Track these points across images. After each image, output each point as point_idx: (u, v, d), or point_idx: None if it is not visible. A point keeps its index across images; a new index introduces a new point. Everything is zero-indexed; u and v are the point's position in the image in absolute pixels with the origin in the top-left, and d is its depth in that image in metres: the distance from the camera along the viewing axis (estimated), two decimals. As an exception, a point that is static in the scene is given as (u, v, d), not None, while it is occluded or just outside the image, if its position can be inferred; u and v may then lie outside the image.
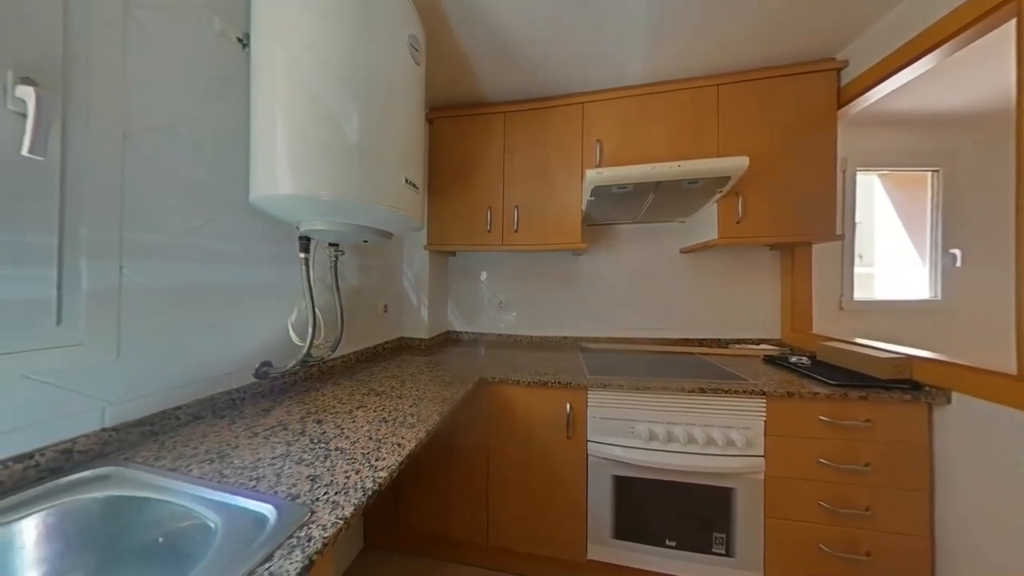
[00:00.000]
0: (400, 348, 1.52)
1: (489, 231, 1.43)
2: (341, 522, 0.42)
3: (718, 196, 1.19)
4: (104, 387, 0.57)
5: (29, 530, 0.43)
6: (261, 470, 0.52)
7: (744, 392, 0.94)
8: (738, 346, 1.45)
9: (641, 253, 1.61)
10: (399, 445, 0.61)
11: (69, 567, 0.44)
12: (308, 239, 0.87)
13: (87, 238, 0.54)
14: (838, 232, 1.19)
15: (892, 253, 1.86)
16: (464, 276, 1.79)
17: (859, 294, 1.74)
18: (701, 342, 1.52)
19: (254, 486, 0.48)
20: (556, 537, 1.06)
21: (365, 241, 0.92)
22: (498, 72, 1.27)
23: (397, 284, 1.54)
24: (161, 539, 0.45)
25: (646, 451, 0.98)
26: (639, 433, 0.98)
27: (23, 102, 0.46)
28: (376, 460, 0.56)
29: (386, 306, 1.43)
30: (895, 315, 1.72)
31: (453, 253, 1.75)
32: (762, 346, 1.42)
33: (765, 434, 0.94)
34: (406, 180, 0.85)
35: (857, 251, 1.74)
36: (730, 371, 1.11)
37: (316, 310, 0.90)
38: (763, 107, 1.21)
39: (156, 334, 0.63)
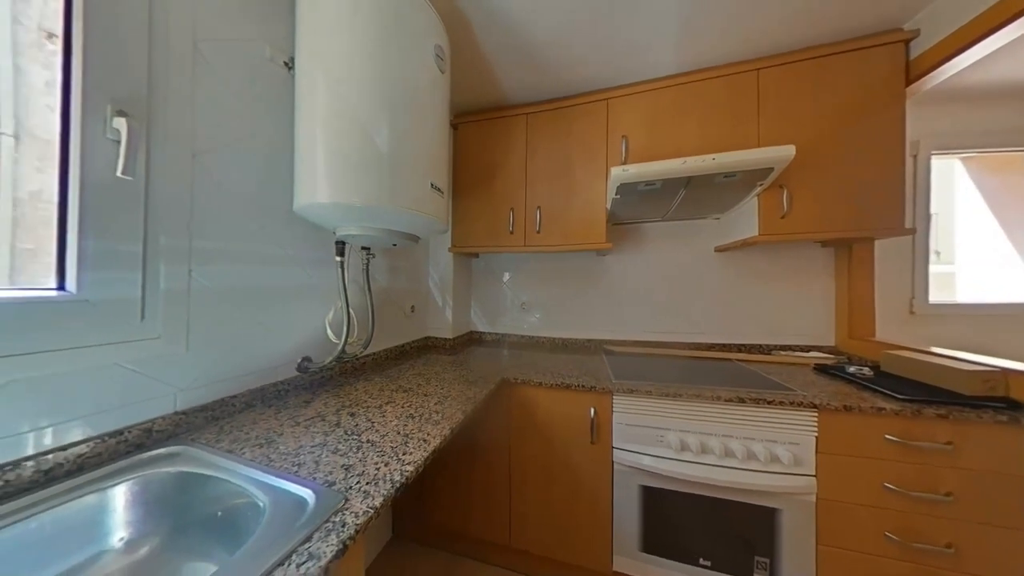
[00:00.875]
0: (426, 347, 1.57)
1: (511, 232, 1.43)
2: (372, 511, 0.44)
3: (759, 190, 1.10)
4: (176, 376, 0.65)
5: (119, 496, 0.50)
6: (302, 457, 0.57)
7: (791, 404, 0.85)
8: (784, 353, 1.33)
9: (671, 252, 1.53)
10: (425, 441, 0.63)
11: (149, 531, 0.51)
12: (343, 243, 0.93)
13: (164, 245, 0.62)
14: (907, 226, 1.04)
15: (980, 249, 1.59)
16: (487, 277, 1.82)
17: (935, 296, 1.51)
18: (739, 348, 1.41)
19: (296, 471, 0.52)
20: (580, 545, 1.04)
21: (394, 244, 0.97)
22: (520, 74, 1.28)
23: (423, 285, 1.60)
24: (220, 513, 0.51)
25: (677, 462, 0.92)
26: (669, 443, 0.93)
27: (118, 131, 0.55)
28: (403, 454, 0.58)
29: (413, 306, 1.48)
30: (984, 322, 1.47)
31: (476, 255, 1.78)
32: (812, 354, 1.28)
33: (816, 451, 0.84)
34: (432, 185, 0.88)
35: (933, 247, 1.51)
36: (774, 380, 1.02)
37: (350, 310, 0.96)
38: (813, 90, 1.09)
39: (216, 330, 0.71)
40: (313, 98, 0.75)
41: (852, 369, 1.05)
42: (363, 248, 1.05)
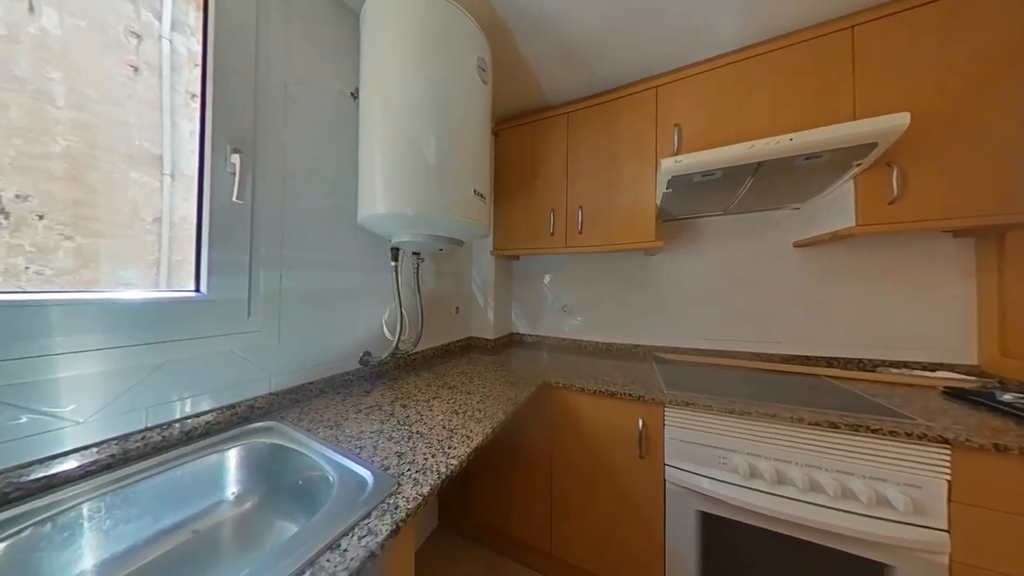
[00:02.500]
0: (469, 347, 1.64)
1: (552, 234, 1.42)
2: (420, 498, 0.47)
3: (855, 171, 0.91)
4: (271, 363, 0.78)
5: (232, 458, 0.62)
6: (363, 441, 0.64)
7: (909, 436, 0.68)
8: (895, 371, 1.07)
9: (735, 249, 1.35)
10: (468, 437, 0.66)
11: (252, 489, 0.62)
12: (397, 250, 1.03)
13: (264, 255, 0.76)
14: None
15: None
16: (527, 279, 1.82)
17: None
18: (829, 362, 1.18)
19: (358, 453, 0.59)
20: (626, 565, 0.97)
21: (440, 249, 1.03)
22: (561, 74, 1.27)
23: (467, 288, 1.67)
24: (300, 482, 0.60)
25: (745, 490, 0.80)
26: (735, 466, 0.81)
27: (234, 165, 0.69)
28: (449, 448, 0.61)
29: (458, 308, 1.56)
30: None
31: (517, 257, 1.80)
32: (940, 374, 1.01)
33: (949, 500, 0.66)
34: (475, 191, 0.92)
35: None
36: (881, 404, 0.82)
37: (403, 310, 1.06)
38: (939, 41, 0.87)
39: (298, 325, 0.84)
40: (372, 121, 0.85)
41: (1008, 396, 0.80)
42: (414, 253, 1.15)
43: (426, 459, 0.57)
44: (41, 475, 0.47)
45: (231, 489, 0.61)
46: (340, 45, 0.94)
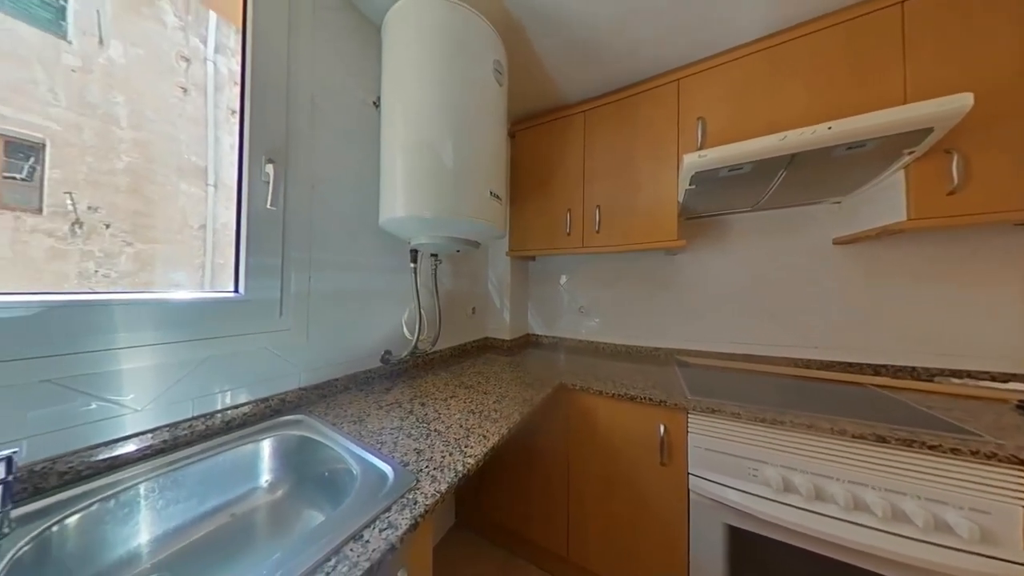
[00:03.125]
0: (485, 347, 1.65)
1: (568, 234, 1.40)
2: (438, 495, 0.48)
3: (906, 159, 0.83)
4: (300, 360, 0.83)
5: (266, 448, 0.67)
6: (384, 436, 0.66)
7: (976, 455, 0.61)
8: (959, 381, 0.96)
9: (766, 248, 1.27)
10: (484, 437, 0.66)
11: (283, 478, 0.66)
12: (416, 252, 1.06)
13: (294, 258, 0.81)
14: None
15: None
16: (543, 280, 1.81)
17: None
18: (876, 370, 1.08)
19: (379, 448, 0.61)
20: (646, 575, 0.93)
21: (458, 251, 1.05)
22: (577, 72, 1.25)
23: (483, 288, 1.68)
24: (327, 473, 0.63)
25: (779, 505, 0.75)
26: (767, 479, 0.76)
27: (268, 174, 0.74)
28: (465, 447, 0.62)
29: (474, 308, 1.58)
30: None
31: (533, 258, 1.80)
32: (1014, 385, 0.90)
33: (1025, 529, 0.58)
34: (491, 193, 0.93)
35: None
36: (939, 417, 0.74)
37: (421, 310, 1.09)
38: (1014, 11, 0.77)
39: (325, 324, 0.89)
40: (393, 128, 0.88)
41: (1100, 414, 0.69)
42: (432, 255, 1.17)
43: (443, 457, 0.58)
44: (106, 456, 0.53)
45: (265, 477, 0.65)
46: (363, 57, 0.99)
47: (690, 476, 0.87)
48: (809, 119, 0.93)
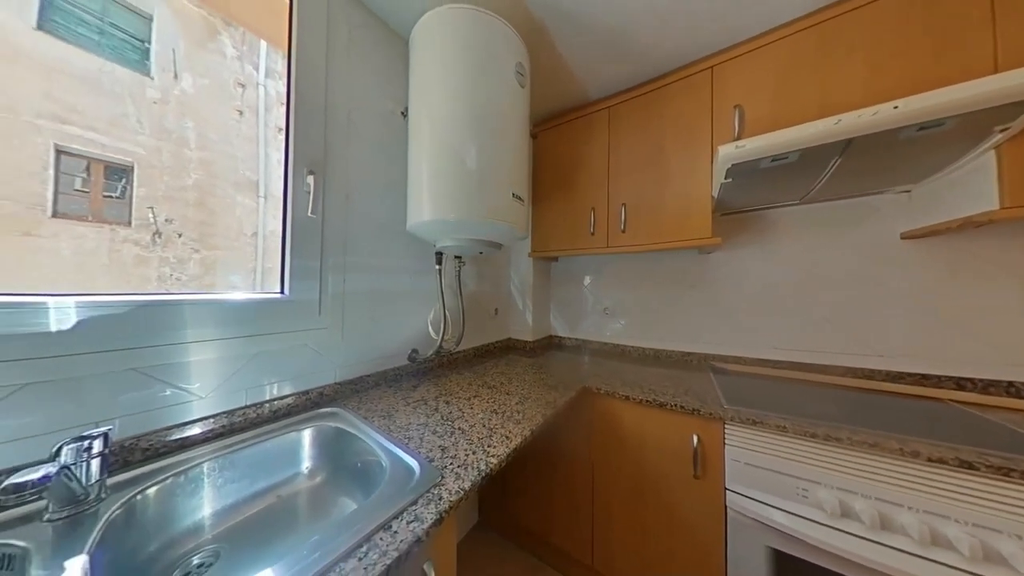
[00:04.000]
0: (508, 348, 1.66)
1: (592, 234, 1.37)
2: (462, 492, 0.49)
3: (999, 138, 0.71)
4: (336, 356, 0.89)
5: (307, 437, 0.72)
6: (411, 432, 0.68)
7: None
8: (1070, 400, 0.80)
9: (818, 244, 1.15)
10: (507, 438, 0.66)
11: (321, 466, 0.71)
12: (441, 254, 1.09)
13: (331, 262, 0.87)
14: None
15: None
16: (566, 281, 1.78)
17: None
18: (960, 383, 0.93)
19: (407, 443, 0.63)
20: (680, 595, 0.88)
21: (480, 252, 1.07)
22: (602, 67, 1.22)
23: (505, 289, 1.70)
24: (359, 464, 0.66)
25: (835, 532, 0.67)
26: (820, 501, 0.68)
27: (309, 184, 0.80)
28: (488, 447, 0.63)
29: (496, 309, 1.59)
30: None
31: (555, 259, 1.78)
32: None
33: None
34: (513, 195, 0.93)
35: None
36: (1046, 443, 0.62)
37: (446, 311, 1.12)
38: None
39: (358, 324, 0.94)
40: (419, 136, 0.92)
41: None
42: (456, 257, 1.21)
43: (467, 455, 0.59)
44: (177, 437, 0.60)
45: (305, 464, 0.71)
46: (391, 69, 1.04)
47: (727, 492, 0.80)
48: (869, 99, 0.82)
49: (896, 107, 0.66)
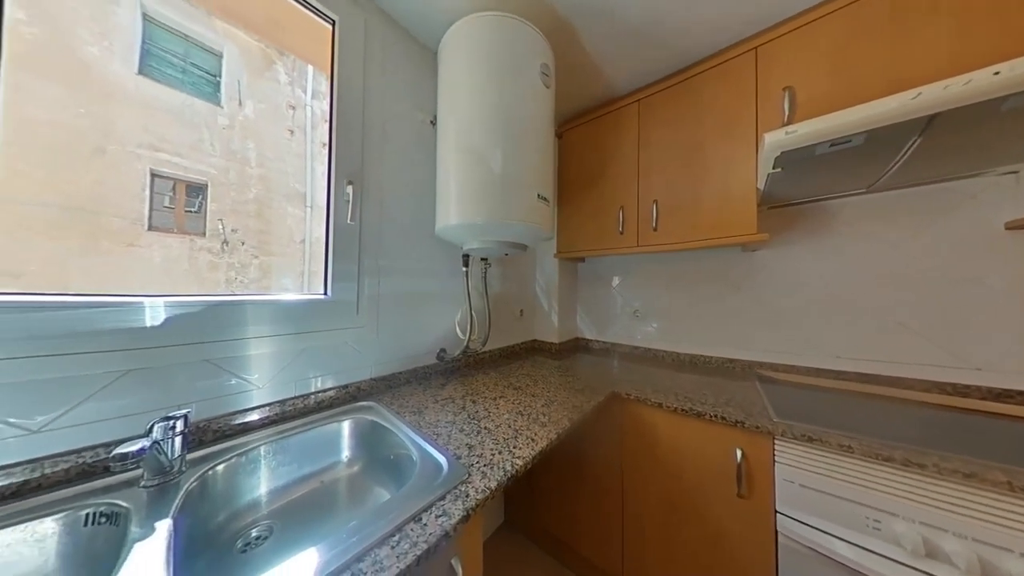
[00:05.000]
0: (533, 349, 1.65)
1: (621, 233, 1.32)
2: (488, 491, 0.50)
3: None
4: (372, 354, 0.94)
5: (346, 428, 0.78)
6: (439, 429, 0.71)
7: None
8: None
9: (891, 238, 1.00)
10: (533, 440, 0.66)
11: (358, 456, 0.76)
12: (467, 256, 1.12)
13: (367, 265, 0.93)
14: None
15: None
16: (593, 282, 1.73)
17: None
18: (1095, 406, 0.75)
19: (436, 439, 0.66)
20: (722, 624, 0.81)
21: (506, 254, 1.08)
22: (631, 59, 1.17)
23: (530, 290, 1.69)
24: (392, 457, 0.70)
25: (918, 573, 0.57)
26: (896, 536, 0.59)
27: (348, 193, 0.86)
28: (514, 447, 0.63)
29: (522, 311, 1.60)
30: None
31: (582, 259, 1.74)
32: None
33: None
34: (538, 196, 0.93)
35: None
36: None
37: (472, 312, 1.14)
38: None
39: (391, 324, 1.00)
40: (447, 143, 0.95)
41: None
42: (482, 259, 1.23)
43: (493, 455, 0.60)
44: (240, 421, 0.68)
45: (345, 453, 0.76)
46: (421, 80, 1.09)
47: (778, 515, 0.72)
48: (955, 69, 0.70)
49: (997, 73, 0.56)
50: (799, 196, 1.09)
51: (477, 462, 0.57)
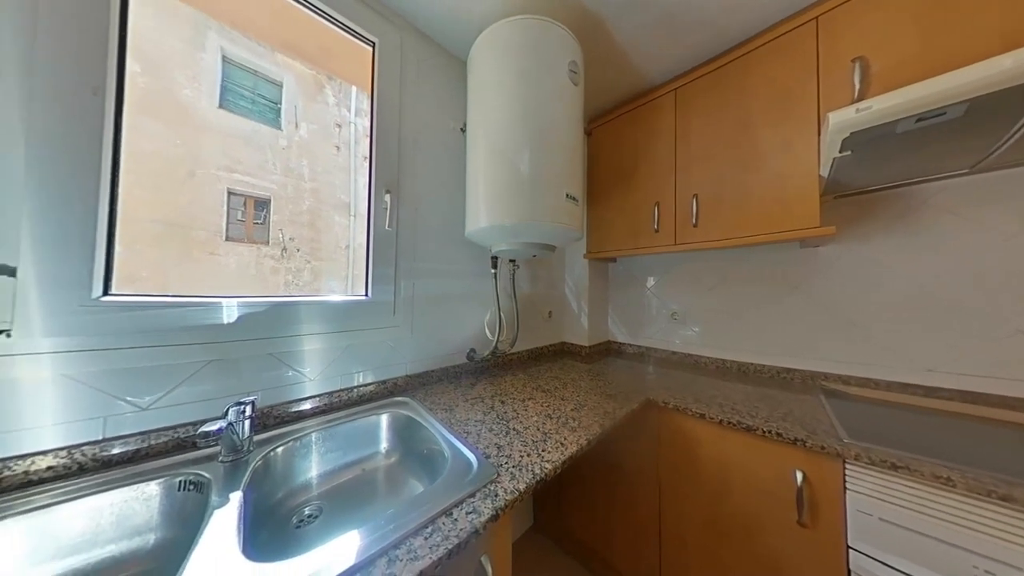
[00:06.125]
0: (562, 352, 1.62)
1: (657, 231, 1.24)
2: (517, 493, 0.50)
3: None
4: (407, 352, 1.00)
5: (384, 421, 0.83)
6: (470, 427, 0.72)
7: None
8: None
9: (1004, 229, 0.82)
10: (562, 444, 0.64)
11: (395, 448, 0.81)
12: (496, 258, 1.13)
13: (403, 268, 0.99)
14: None
15: None
16: (626, 283, 1.66)
17: None
18: None
19: (466, 437, 0.67)
20: (779, 667, 0.72)
21: (534, 255, 1.08)
22: (666, 47, 1.11)
23: (559, 292, 1.66)
24: (425, 451, 0.73)
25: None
26: (1018, 594, 0.48)
27: (386, 202, 0.92)
28: (543, 451, 0.62)
29: (550, 312, 1.58)
30: None
31: (614, 259, 1.67)
32: None
33: None
34: (567, 195, 0.92)
35: None
36: None
37: (501, 313, 1.15)
38: None
39: (424, 324, 1.04)
40: (476, 147, 0.97)
41: None
42: (510, 261, 1.24)
43: (522, 456, 0.60)
44: (295, 409, 0.76)
45: (383, 444, 0.81)
46: (451, 90, 1.14)
47: (850, 550, 0.63)
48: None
49: None
50: (877, 181, 0.94)
51: (506, 463, 0.58)
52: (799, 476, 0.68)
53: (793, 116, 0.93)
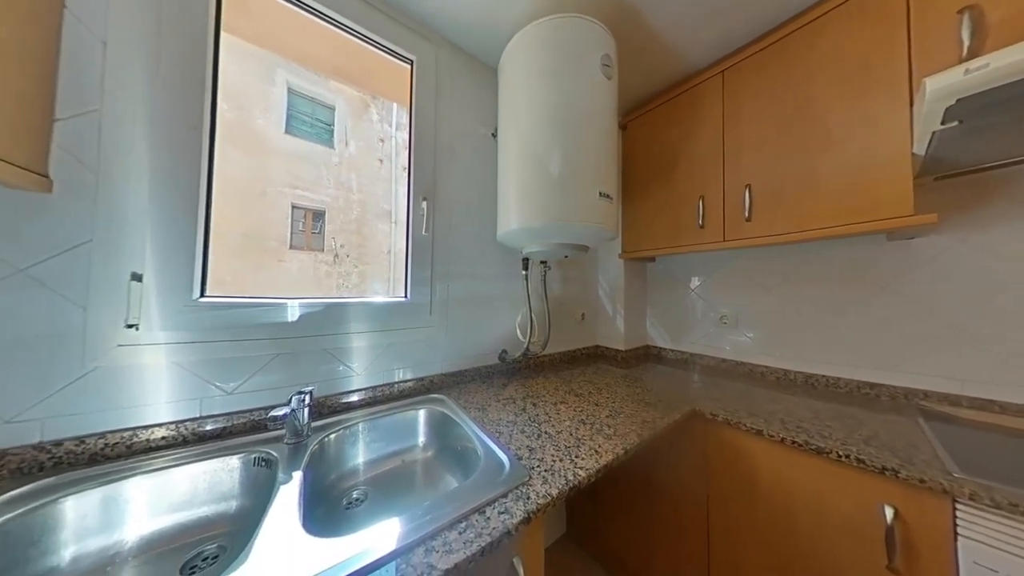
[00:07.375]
0: (596, 356, 1.56)
1: (702, 227, 1.14)
2: (549, 497, 0.49)
3: None
4: (441, 351, 1.04)
5: (421, 416, 0.87)
6: (502, 427, 0.73)
7: None
8: None
9: None
10: (597, 452, 0.62)
11: (431, 443, 0.84)
12: (527, 259, 1.13)
13: (438, 271, 1.03)
14: None
15: None
16: (666, 284, 1.55)
17: None
18: None
19: (498, 437, 0.68)
20: None
21: (566, 256, 1.06)
22: (713, 26, 1.02)
23: (593, 293, 1.61)
24: (459, 448, 0.75)
25: None
26: None
27: (423, 208, 0.98)
28: (576, 457, 0.60)
29: (584, 314, 1.53)
30: None
31: (652, 259, 1.57)
32: None
33: None
34: (600, 194, 0.88)
35: None
36: None
37: (532, 315, 1.15)
38: None
39: (458, 324, 1.08)
40: (507, 151, 0.99)
41: None
42: (541, 262, 1.23)
43: (554, 461, 0.59)
44: (345, 401, 0.83)
45: (421, 439, 0.86)
46: (482, 96, 1.16)
47: (966, 613, 0.51)
48: None
49: None
50: (992, 157, 0.76)
51: (538, 466, 0.57)
52: (889, 512, 0.57)
53: (874, 87, 0.79)
